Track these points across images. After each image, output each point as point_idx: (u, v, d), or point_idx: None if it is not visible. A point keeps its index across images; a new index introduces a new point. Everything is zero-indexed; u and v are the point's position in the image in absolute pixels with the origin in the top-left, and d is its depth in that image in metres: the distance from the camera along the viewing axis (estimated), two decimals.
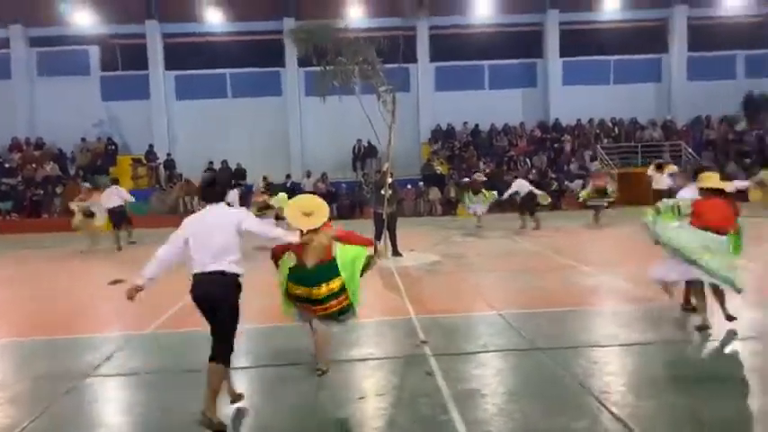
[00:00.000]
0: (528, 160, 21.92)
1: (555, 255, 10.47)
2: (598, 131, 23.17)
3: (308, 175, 21.48)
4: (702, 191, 5.72)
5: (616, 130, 23.36)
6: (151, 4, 22.74)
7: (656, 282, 5.98)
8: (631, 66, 24.29)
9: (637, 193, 20.23)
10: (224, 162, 21.73)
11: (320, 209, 4.61)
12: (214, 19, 22.95)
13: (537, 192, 14.56)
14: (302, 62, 21.26)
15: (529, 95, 24.44)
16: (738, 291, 5.40)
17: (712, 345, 5.36)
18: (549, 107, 24.00)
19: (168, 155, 22.48)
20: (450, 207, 20.14)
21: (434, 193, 20.77)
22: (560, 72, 24.01)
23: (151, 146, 22.24)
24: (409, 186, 20.66)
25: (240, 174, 21.25)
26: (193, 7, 22.81)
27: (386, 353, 5.35)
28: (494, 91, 24.14)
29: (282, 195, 13.00)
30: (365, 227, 11.78)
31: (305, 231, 4.50)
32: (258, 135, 23.27)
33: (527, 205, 14.55)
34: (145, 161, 22.06)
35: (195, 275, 4.02)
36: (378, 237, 10.70)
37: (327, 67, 12.40)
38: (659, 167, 14.79)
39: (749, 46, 24.22)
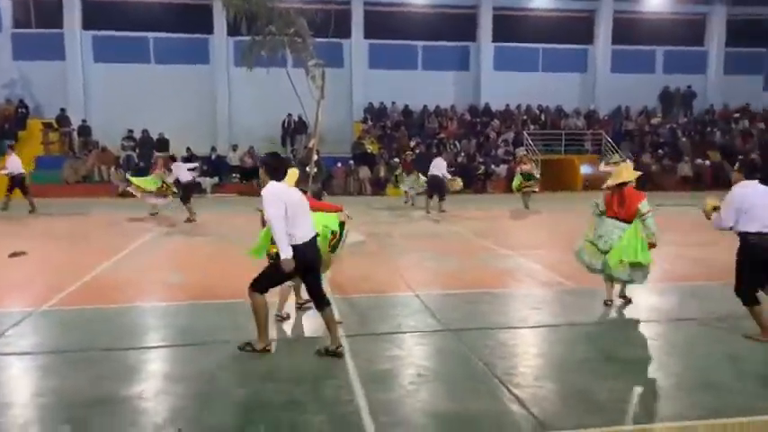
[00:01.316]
0: (457, 143, 22.20)
1: (476, 237, 10.67)
2: (525, 117, 23.75)
3: (235, 148, 20.86)
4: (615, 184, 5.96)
5: (542, 117, 24.03)
6: None
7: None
8: (559, 55, 24.99)
9: (560, 180, 21.02)
10: (145, 132, 20.76)
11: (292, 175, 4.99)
12: None
13: (447, 176, 14.39)
14: (232, 30, 20.46)
15: (461, 78, 24.70)
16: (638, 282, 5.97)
17: (617, 328, 5.61)
18: (480, 91, 24.36)
19: (83, 121, 21.20)
20: (379, 186, 20.14)
21: (365, 172, 20.69)
22: (492, 57, 24.37)
23: (63, 110, 20.86)
24: (339, 164, 20.48)
25: (162, 144, 20.34)
26: None
27: (297, 334, 5.27)
28: (427, 72, 24.22)
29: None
30: None
31: None
32: (183, 104, 22.28)
33: (436, 189, 14.30)
34: (57, 126, 20.69)
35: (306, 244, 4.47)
36: None
37: (256, 37, 12.01)
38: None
39: (668, 42, 25.47)
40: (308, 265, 4.52)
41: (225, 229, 11.53)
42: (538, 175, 15.42)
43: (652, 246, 5.89)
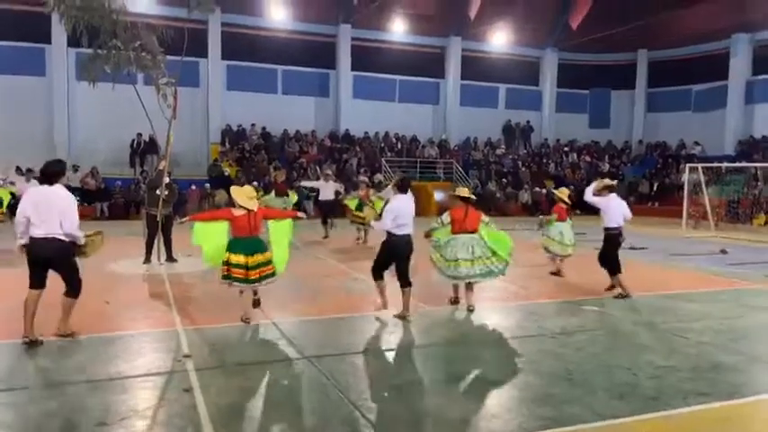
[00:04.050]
0: (318, 168, 22.30)
1: (334, 260, 10.72)
2: (383, 145, 24.55)
3: (76, 169, 19.13)
4: (453, 198, 7.19)
5: (399, 144, 25.01)
6: None
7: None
8: (414, 87, 26.34)
9: (415, 205, 21.88)
10: None
11: (254, 195, 6.42)
12: None
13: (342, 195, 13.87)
14: (73, 41, 18.86)
15: (321, 105, 25.01)
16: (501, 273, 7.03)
17: (462, 347, 5.89)
18: (340, 118, 24.80)
19: None
20: None
21: (221, 196, 19.95)
22: (351, 85, 24.99)
23: None
24: (194, 187, 19.61)
25: None
26: None
27: (144, 369, 4.87)
28: (287, 96, 24.22)
29: None
30: (139, 228, 10.83)
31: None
32: (15, 119, 20.12)
33: (333, 211, 13.93)
34: None
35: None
36: (150, 241, 9.90)
37: (99, 51, 11.18)
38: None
39: (509, 81, 27.94)
40: (399, 252, 6.56)
41: None
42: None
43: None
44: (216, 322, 6.30)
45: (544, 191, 24.00)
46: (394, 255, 6.60)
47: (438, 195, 22.95)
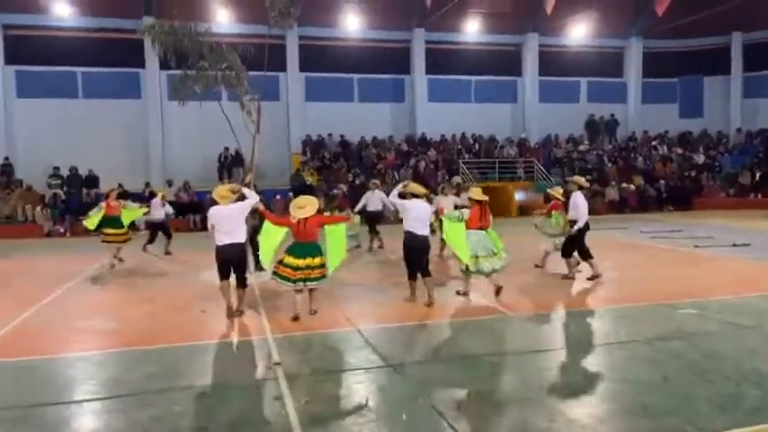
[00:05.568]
0: (396, 173, 22.48)
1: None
2: (460, 147, 24.37)
3: (170, 183, 20.33)
4: (471, 200, 7.94)
5: (476, 146, 24.73)
6: None
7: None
8: (490, 86, 25.94)
9: (495, 206, 21.53)
10: (73, 169, 19.95)
11: (310, 204, 6.96)
12: (63, 12, 21.04)
13: (388, 208, 13.24)
14: (164, 64, 20.13)
15: (397, 110, 25.16)
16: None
17: (550, 354, 5.73)
18: (416, 122, 24.88)
19: (6, 159, 20.17)
20: None
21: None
22: (426, 89, 25.00)
23: None
24: (278, 197, 20.28)
25: (92, 181, 19.62)
26: None
27: (237, 376, 5.11)
28: (363, 104, 24.56)
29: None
30: None
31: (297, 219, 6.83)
32: (114, 140, 21.64)
33: (379, 222, 13.52)
34: None
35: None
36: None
37: (189, 72, 11.87)
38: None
39: (591, 74, 26.94)
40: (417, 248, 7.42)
41: (159, 270, 11.15)
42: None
43: None
44: (303, 329, 6.50)
45: (632, 186, 22.93)
46: (410, 250, 7.45)
47: (519, 195, 22.53)
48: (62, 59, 21.43)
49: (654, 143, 26.34)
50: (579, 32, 26.09)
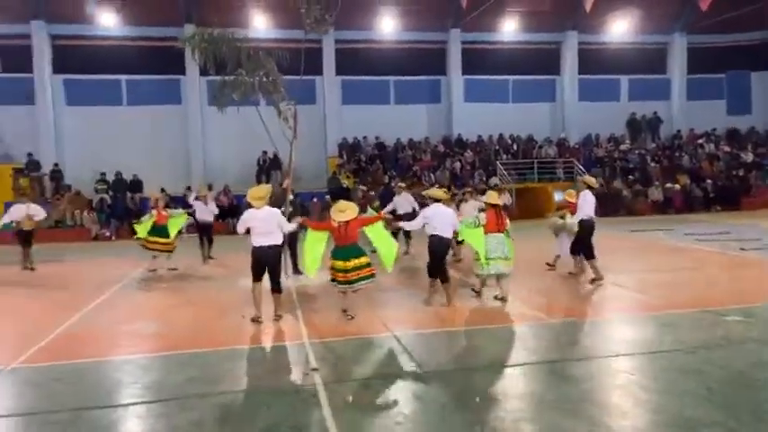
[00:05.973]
0: (432, 175, 22.42)
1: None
2: (497, 148, 24.13)
3: (210, 187, 20.70)
4: (487, 205, 8.02)
5: (514, 146, 24.44)
6: (38, 3, 21.15)
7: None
8: (528, 86, 25.60)
9: (534, 207, 21.28)
10: (118, 174, 20.59)
11: (350, 208, 7.27)
12: (108, 22, 21.75)
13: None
14: (204, 71, 20.57)
15: (433, 111, 25.10)
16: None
17: (590, 363, 5.62)
18: (453, 123, 24.76)
19: (55, 165, 20.96)
20: None
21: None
22: (462, 89, 24.85)
23: (30, 154, 20.61)
24: (315, 199, 20.48)
25: (136, 186, 20.21)
26: (85, 8, 21.48)
27: (276, 382, 5.19)
28: (399, 106, 24.59)
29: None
30: None
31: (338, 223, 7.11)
32: (156, 145, 22.26)
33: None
34: (27, 171, 20.42)
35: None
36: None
37: (227, 78, 12.09)
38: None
39: (632, 71, 26.29)
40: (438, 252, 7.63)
41: (202, 274, 11.40)
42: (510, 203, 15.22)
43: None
44: (340, 335, 6.55)
45: (677, 186, 22.27)
46: (434, 254, 7.68)
47: (558, 196, 22.14)
48: (107, 68, 22.18)
49: (700, 141, 25.54)
50: (619, 29, 25.53)
